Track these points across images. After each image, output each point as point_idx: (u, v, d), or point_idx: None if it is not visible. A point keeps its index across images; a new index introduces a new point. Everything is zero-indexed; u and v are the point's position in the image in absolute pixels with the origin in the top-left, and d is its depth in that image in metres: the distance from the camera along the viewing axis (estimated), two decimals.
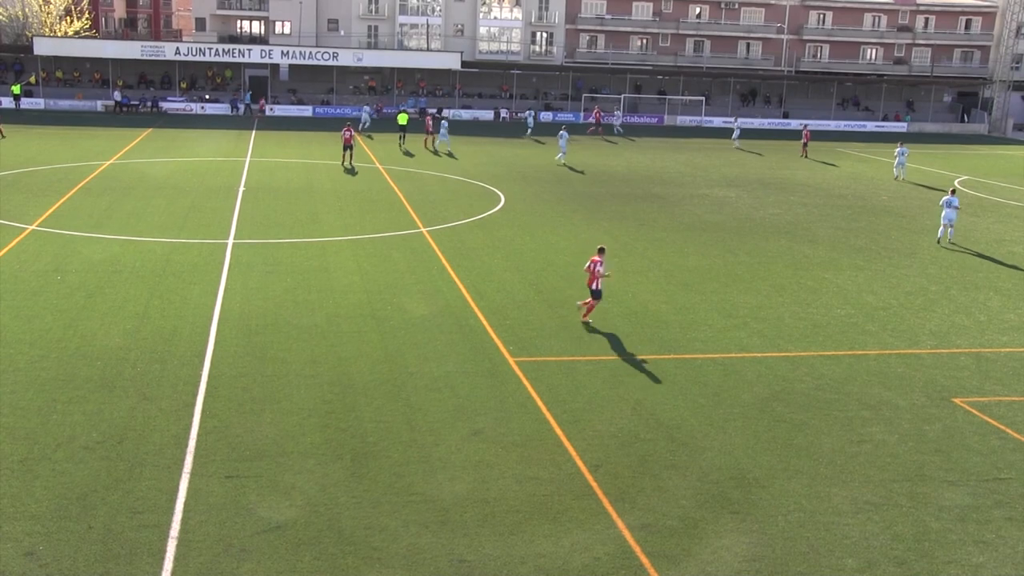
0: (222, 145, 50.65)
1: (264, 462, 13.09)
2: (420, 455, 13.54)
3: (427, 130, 54.50)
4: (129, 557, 10.63)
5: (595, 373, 17.21)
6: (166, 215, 30.05)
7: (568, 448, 13.99)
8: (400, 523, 11.65)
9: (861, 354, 19.09)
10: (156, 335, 18.22)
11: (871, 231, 32.87)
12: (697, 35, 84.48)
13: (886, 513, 12.50)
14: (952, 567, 11.26)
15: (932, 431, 15.31)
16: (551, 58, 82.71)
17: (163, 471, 12.69)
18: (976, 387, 17.50)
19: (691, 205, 36.85)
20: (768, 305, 22.40)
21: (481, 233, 29.36)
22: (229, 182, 37.32)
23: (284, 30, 78.86)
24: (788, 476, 13.43)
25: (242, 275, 22.85)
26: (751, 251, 28.54)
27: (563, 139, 49.04)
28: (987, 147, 72.24)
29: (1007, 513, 12.68)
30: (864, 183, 46.27)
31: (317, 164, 44.17)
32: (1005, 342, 20.39)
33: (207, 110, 71.48)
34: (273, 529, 11.37)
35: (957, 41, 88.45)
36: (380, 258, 25.34)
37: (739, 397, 16.39)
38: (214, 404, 15.00)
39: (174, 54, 71.18)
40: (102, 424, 14.06)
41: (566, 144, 49.00)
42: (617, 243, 28.67)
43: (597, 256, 20.09)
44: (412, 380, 16.45)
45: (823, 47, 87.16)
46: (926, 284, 25.18)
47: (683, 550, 11.33)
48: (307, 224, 29.53)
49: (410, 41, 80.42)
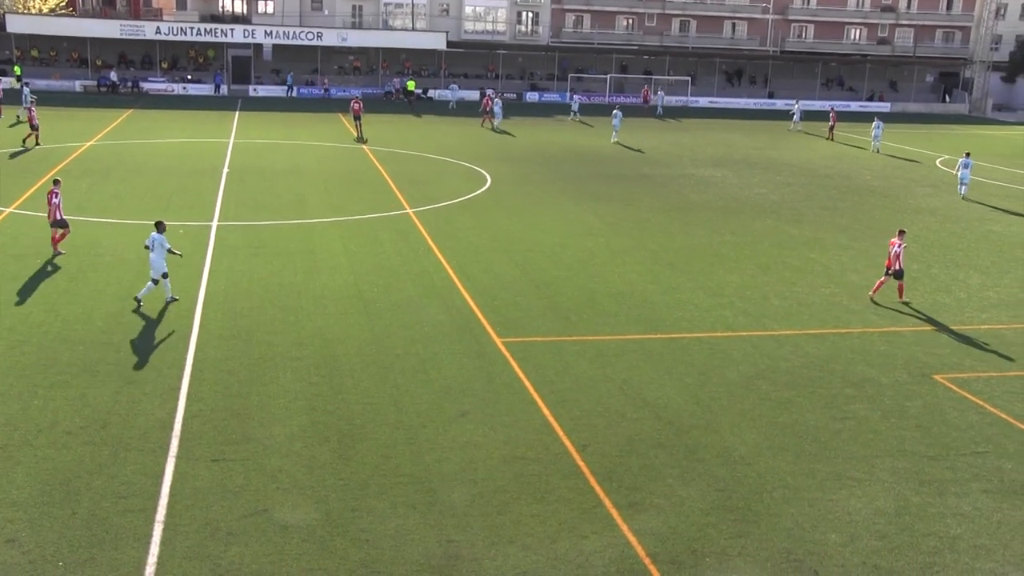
0: (205, 126, 50.29)
1: (251, 445, 13.08)
2: (407, 436, 13.56)
3: (485, 109, 57.39)
4: (114, 542, 10.62)
5: (582, 353, 17.26)
6: (149, 197, 29.85)
7: (555, 428, 14.04)
8: (388, 504, 11.68)
9: (845, 332, 19.21)
10: (140, 319, 18.13)
11: (855, 211, 32.99)
12: (683, 15, 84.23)
13: (868, 488, 12.62)
14: (931, 539, 11.40)
15: (913, 407, 15.45)
16: (537, 38, 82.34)
17: (148, 455, 12.66)
18: (956, 363, 17.65)
19: (677, 185, 36.87)
20: (753, 284, 22.48)
21: (468, 214, 29.31)
22: (213, 163, 37.08)
23: (267, 9, 78.11)
24: (773, 453, 13.53)
25: (227, 257, 22.75)
26: (737, 231, 28.61)
27: (617, 119, 50.97)
28: (967, 127, 72.55)
29: (984, 486, 12.85)
30: (848, 162, 46.40)
31: (302, 145, 43.93)
32: (984, 319, 20.55)
33: (189, 91, 70.89)
34: (260, 512, 11.38)
35: (939, 22, 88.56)
36: (366, 239, 25.27)
37: (725, 376, 16.47)
38: (199, 387, 14.97)
39: (155, 33, 70.33)
40: (85, 409, 14.01)
41: (619, 123, 50.93)
42: (604, 223, 28.67)
43: (897, 238, 21.33)
44: (399, 361, 16.45)
45: (808, 27, 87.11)
46: (908, 263, 25.31)
47: (670, 527, 11.41)
48: (293, 205, 29.40)
49: (395, 21, 79.84)
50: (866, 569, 10.73)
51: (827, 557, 10.94)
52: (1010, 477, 13.14)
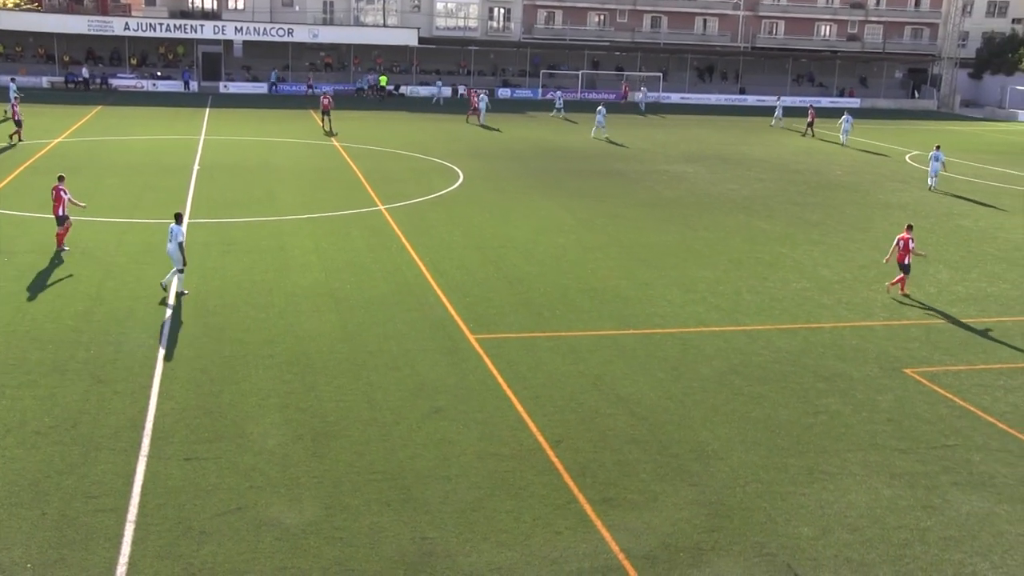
0: (176, 123, 49.85)
1: (223, 443, 12.99)
2: (381, 433, 13.51)
3: (472, 107, 57.23)
4: (85, 543, 10.51)
5: (555, 349, 17.28)
6: (119, 194, 29.55)
7: (529, 424, 14.05)
8: (362, 502, 11.64)
9: (816, 327, 19.36)
10: (110, 317, 17.96)
11: (826, 206, 33.25)
12: (654, 11, 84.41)
13: (840, 482, 12.73)
14: (901, 532, 11.52)
15: (884, 401, 15.60)
16: (509, 34, 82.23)
17: (119, 455, 12.54)
18: (926, 357, 17.84)
19: (650, 181, 36.99)
20: (726, 280, 22.60)
21: (440, 210, 29.25)
22: (183, 160, 36.76)
23: (237, 5, 77.45)
24: (746, 448, 13.61)
25: (198, 255, 22.55)
26: (709, 226, 28.75)
27: (601, 115, 51.60)
28: (936, 122, 73.29)
29: (953, 478, 13.00)
30: (819, 158, 46.75)
31: (273, 142, 43.65)
32: (954, 313, 20.78)
33: (159, 87, 70.23)
34: (233, 511, 11.30)
35: (907, 18, 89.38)
36: (338, 236, 25.15)
37: (698, 371, 16.55)
38: (171, 386, 14.84)
39: (123, 29, 69.58)
40: (55, 408, 13.85)
41: (604, 119, 51.48)
42: (576, 219, 28.72)
43: (906, 233, 21.76)
44: (372, 359, 16.39)
45: (779, 23, 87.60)
46: (879, 258, 25.52)
47: (643, 523, 11.45)
48: (264, 203, 29.21)
49: (366, 17, 79.43)
50: (838, 562, 10.82)
51: (800, 551, 11.03)
52: (978, 469, 13.30)
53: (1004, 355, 18.17)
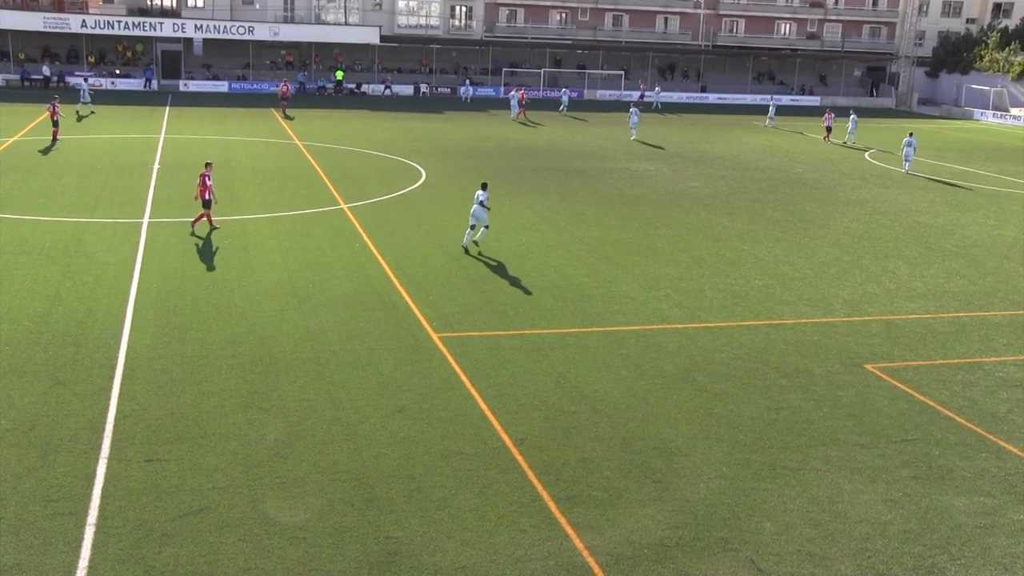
0: (135, 122, 49.22)
1: (185, 444, 12.86)
2: (344, 433, 13.45)
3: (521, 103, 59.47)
4: (43, 547, 10.35)
5: (518, 347, 17.29)
6: (77, 194, 29.12)
7: (493, 422, 14.05)
8: (326, 501, 11.57)
9: (778, 323, 19.54)
10: (69, 318, 17.69)
11: (787, 203, 33.58)
12: (616, 9, 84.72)
13: (803, 477, 12.86)
14: (863, 526, 11.66)
15: (845, 397, 15.78)
16: (471, 32, 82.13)
17: (79, 457, 12.36)
18: (886, 353, 18.08)
19: (612, 179, 37.13)
20: (688, 277, 22.75)
21: (402, 209, 29.15)
22: (143, 159, 36.31)
23: (197, 3, 76.60)
24: (709, 444, 13.71)
25: (159, 255, 22.30)
26: (671, 224, 28.92)
27: (635, 115, 52.16)
28: (894, 120, 74.32)
29: (913, 472, 13.18)
30: (779, 155, 47.20)
31: (234, 141, 43.24)
32: (912, 309, 21.09)
33: (118, 85, 69.31)
34: (196, 512, 11.19)
35: (865, 17, 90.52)
36: (300, 235, 24.98)
37: (661, 368, 16.65)
38: (132, 387, 14.65)
39: (80, 26, 68.61)
40: (11, 411, 13.62)
41: (638, 119, 52.19)
42: (539, 217, 28.75)
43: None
44: (335, 358, 16.31)
45: (739, 22, 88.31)
46: (839, 254, 25.85)
47: (608, 520, 11.50)
48: (225, 202, 28.89)
49: (327, 15, 78.91)
50: (801, 556, 10.94)
51: (763, 545, 11.13)
52: (938, 463, 13.50)
53: (962, 350, 18.46)
